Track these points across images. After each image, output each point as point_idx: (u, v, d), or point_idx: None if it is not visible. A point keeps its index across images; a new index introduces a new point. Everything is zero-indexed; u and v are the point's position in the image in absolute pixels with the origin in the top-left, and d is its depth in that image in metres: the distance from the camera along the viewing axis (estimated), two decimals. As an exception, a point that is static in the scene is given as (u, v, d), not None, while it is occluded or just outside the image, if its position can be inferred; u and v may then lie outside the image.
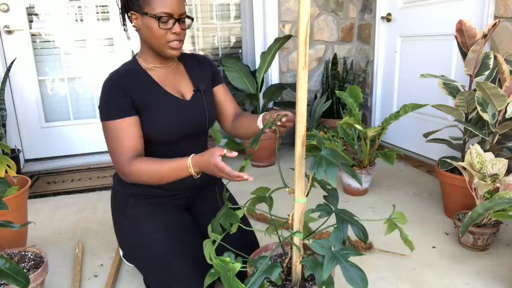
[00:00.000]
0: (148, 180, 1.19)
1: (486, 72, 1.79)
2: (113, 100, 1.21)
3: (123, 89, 1.22)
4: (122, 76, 1.25)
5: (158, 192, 1.33)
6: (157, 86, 1.29)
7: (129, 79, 1.25)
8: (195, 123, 1.34)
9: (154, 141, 1.28)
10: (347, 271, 0.87)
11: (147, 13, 1.19)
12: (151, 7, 1.18)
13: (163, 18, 1.18)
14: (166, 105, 1.28)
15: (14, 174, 1.51)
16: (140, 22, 1.23)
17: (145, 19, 1.21)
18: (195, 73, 1.41)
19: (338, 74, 3.13)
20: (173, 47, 1.24)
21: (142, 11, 1.20)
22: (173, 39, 1.23)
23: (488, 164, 1.60)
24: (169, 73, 1.34)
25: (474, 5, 2.18)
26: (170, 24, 1.21)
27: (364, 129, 2.03)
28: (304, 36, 0.86)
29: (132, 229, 1.30)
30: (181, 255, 1.22)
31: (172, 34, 1.22)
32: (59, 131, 2.95)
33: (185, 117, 1.31)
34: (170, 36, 1.22)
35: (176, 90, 1.33)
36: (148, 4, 1.18)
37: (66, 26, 2.82)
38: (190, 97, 1.35)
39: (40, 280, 1.28)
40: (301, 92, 0.91)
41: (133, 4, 1.22)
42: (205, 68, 1.44)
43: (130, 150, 1.21)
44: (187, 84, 1.37)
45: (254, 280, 0.92)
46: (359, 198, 2.22)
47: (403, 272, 1.51)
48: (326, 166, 0.87)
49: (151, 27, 1.20)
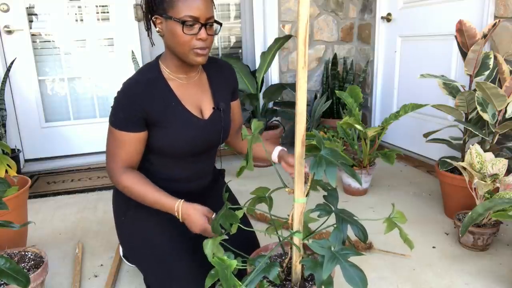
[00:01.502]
0: (131, 196, 1.21)
1: (486, 72, 1.79)
2: (126, 111, 1.18)
3: (140, 104, 1.17)
4: (142, 86, 1.19)
5: None
6: (176, 100, 1.22)
7: (148, 91, 1.19)
8: (209, 142, 1.30)
9: (161, 153, 1.27)
10: (347, 271, 0.87)
11: (171, 17, 1.11)
12: (176, 11, 1.10)
13: (187, 22, 1.10)
14: (182, 123, 1.23)
15: (14, 174, 1.51)
16: (164, 26, 1.15)
17: (169, 23, 1.13)
18: (218, 87, 1.34)
19: (338, 74, 3.13)
20: (199, 54, 1.15)
21: (166, 15, 1.12)
22: (198, 46, 1.13)
23: (488, 164, 1.60)
24: (190, 86, 1.27)
25: (474, 5, 2.18)
26: (196, 29, 1.12)
27: (364, 129, 2.03)
28: (304, 36, 0.86)
29: (133, 229, 1.30)
30: (182, 255, 1.22)
31: (198, 41, 1.13)
32: (59, 131, 2.95)
33: (200, 136, 1.26)
34: (195, 43, 1.13)
35: (195, 106, 1.27)
36: (172, 7, 1.10)
37: (66, 26, 2.82)
38: (209, 115, 1.29)
39: (40, 280, 1.28)
40: (301, 92, 0.91)
41: (158, 7, 1.14)
42: (229, 80, 1.38)
43: (124, 163, 1.21)
44: (208, 100, 1.31)
45: (252, 279, 0.92)
46: (359, 198, 2.22)
47: (403, 272, 1.51)
48: (326, 166, 0.87)
49: (175, 32, 1.12)
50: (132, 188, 1.19)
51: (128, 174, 1.20)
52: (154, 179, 1.29)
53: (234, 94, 1.42)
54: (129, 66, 2.95)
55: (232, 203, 1.47)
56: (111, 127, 1.21)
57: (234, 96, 1.42)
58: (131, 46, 2.91)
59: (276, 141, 2.83)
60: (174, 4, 1.10)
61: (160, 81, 1.22)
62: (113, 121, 1.20)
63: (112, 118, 1.21)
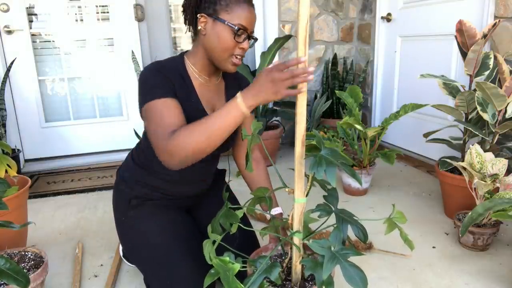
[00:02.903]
0: (196, 145, 0.98)
1: (486, 72, 1.79)
2: (156, 80, 1.10)
3: (170, 79, 1.13)
4: (171, 71, 1.16)
5: (161, 196, 1.33)
6: (196, 99, 1.21)
7: (174, 77, 1.16)
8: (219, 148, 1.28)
9: None
10: (347, 271, 0.87)
11: (224, 21, 1.10)
12: (231, 15, 1.10)
13: (240, 30, 1.10)
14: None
15: (14, 174, 1.51)
16: (210, 27, 1.12)
17: (218, 25, 1.11)
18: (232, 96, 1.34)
19: (338, 74, 3.13)
20: (235, 63, 1.16)
21: (216, 17, 1.10)
22: (238, 54, 1.15)
23: (488, 164, 1.60)
24: (210, 89, 1.26)
25: (474, 5, 2.18)
26: (242, 39, 1.13)
27: (364, 129, 2.03)
28: (304, 36, 0.86)
29: (133, 229, 1.30)
30: (182, 256, 1.22)
31: (240, 49, 1.14)
32: (59, 131, 2.95)
33: None
34: (237, 51, 1.14)
35: (211, 109, 1.26)
36: (227, 12, 1.10)
37: (66, 26, 2.82)
38: None
39: (40, 280, 1.28)
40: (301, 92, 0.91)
41: (207, 6, 1.11)
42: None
43: (171, 127, 1.03)
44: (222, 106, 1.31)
45: (254, 280, 0.92)
46: (359, 198, 2.22)
47: (403, 272, 1.51)
48: (325, 166, 0.87)
49: (223, 36, 1.11)
50: (188, 131, 0.99)
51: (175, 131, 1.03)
52: (157, 180, 1.29)
53: None
54: (129, 66, 2.96)
55: (232, 203, 1.47)
56: (147, 104, 1.08)
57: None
58: (131, 46, 2.91)
59: (276, 141, 2.83)
60: (231, 9, 1.10)
61: (184, 75, 1.20)
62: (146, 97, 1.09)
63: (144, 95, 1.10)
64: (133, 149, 1.40)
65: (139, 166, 1.32)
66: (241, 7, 1.11)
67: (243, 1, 1.12)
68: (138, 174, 1.31)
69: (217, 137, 1.00)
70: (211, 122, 0.99)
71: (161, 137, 1.02)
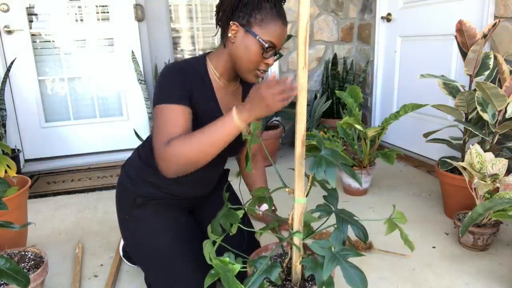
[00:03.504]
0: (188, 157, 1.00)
1: (486, 72, 1.79)
2: (173, 83, 1.10)
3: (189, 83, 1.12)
4: (191, 73, 1.15)
5: (165, 195, 1.33)
6: (216, 102, 1.20)
7: (194, 79, 1.15)
8: (229, 153, 1.28)
9: None
10: (347, 272, 0.87)
11: (255, 34, 1.08)
12: (263, 31, 1.08)
13: (269, 47, 1.10)
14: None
15: (14, 174, 1.50)
16: (240, 37, 1.11)
17: (248, 38, 1.10)
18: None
19: (338, 74, 3.13)
20: (257, 75, 1.16)
21: (249, 29, 1.09)
22: (262, 68, 1.14)
23: (488, 164, 1.60)
24: (228, 93, 1.25)
25: (474, 5, 2.18)
26: (269, 54, 1.12)
27: (364, 129, 2.03)
28: (304, 36, 0.86)
29: (137, 228, 1.30)
30: (184, 256, 1.22)
31: (265, 64, 1.14)
32: (59, 131, 2.95)
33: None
34: (262, 65, 1.14)
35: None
36: (260, 26, 1.08)
37: (66, 26, 2.82)
38: None
39: (40, 280, 1.28)
40: (301, 92, 0.91)
41: (241, 16, 1.10)
42: None
43: (171, 135, 1.04)
44: None
45: (254, 280, 0.92)
46: (359, 198, 2.22)
47: (403, 272, 1.51)
48: (326, 166, 0.87)
49: (251, 49, 1.10)
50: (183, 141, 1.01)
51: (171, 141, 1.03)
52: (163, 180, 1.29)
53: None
54: (129, 66, 2.96)
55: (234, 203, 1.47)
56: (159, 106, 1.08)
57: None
58: (131, 46, 2.91)
59: (276, 141, 2.83)
60: (265, 25, 1.08)
61: (205, 77, 1.19)
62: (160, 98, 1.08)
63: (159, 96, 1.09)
64: (140, 146, 1.38)
65: (146, 164, 1.31)
66: (275, 24, 1.09)
67: (279, 19, 1.10)
68: (144, 172, 1.31)
69: (211, 149, 1.01)
70: (205, 135, 1.00)
71: (159, 142, 1.04)
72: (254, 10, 1.08)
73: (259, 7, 1.08)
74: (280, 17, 1.10)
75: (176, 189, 1.31)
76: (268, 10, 1.09)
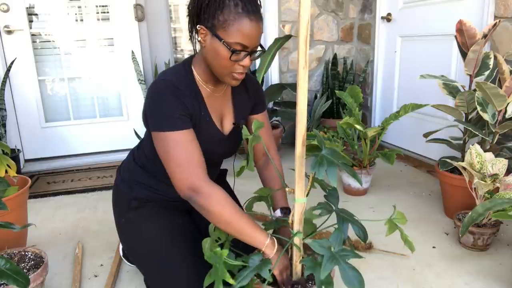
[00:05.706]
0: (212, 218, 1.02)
1: (486, 72, 1.79)
2: (173, 108, 1.06)
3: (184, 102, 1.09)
4: (184, 92, 1.10)
5: (161, 198, 1.33)
6: (205, 111, 1.17)
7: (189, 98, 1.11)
8: (224, 156, 1.29)
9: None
10: (345, 273, 0.87)
11: (220, 38, 1.01)
12: (227, 34, 1.00)
13: (237, 50, 1.02)
14: (207, 135, 1.19)
15: (14, 174, 1.51)
16: (208, 41, 1.05)
17: (215, 41, 1.03)
18: (240, 102, 1.29)
19: (338, 74, 3.13)
20: (235, 78, 1.09)
21: (214, 33, 1.02)
22: (238, 71, 1.07)
23: (488, 164, 1.60)
24: (217, 98, 1.22)
25: (474, 5, 2.18)
26: (241, 56, 1.04)
27: (364, 129, 2.03)
28: (305, 36, 0.86)
29: (133, 231, 1.30)
30: (182, 258, 1.21)
31: (240, 66, 1.06)
32: (59, 131, 2.95)
33: (218, 150, 1.24)
34: (236, 67, 1.06)
35: (218, 119, 1.23)
36: (224, 29, 1.00)
37: (66, 26, 2.82)
38: (229, 130, 1.26)
39: (40, 280, 1.28)
40: (301, 92, 0.91)
41: (206, 19, 1.02)
42: (250, 94, 1.31)
43: (201, 166, 1.05)
44: (229, 115, 1.26)
45: (245, 275, 0.93)
46: (359, 198, 2.22)
47: (403, 272, 1.51)
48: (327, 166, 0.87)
49: (219, 53, 1.03)
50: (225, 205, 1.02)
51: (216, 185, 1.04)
52: (158, 182, 1.29)
53: (257, 106, 1.34)
54: (129, 66, 2.96)
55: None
56: (167, 133, 1.05)
57: (257, 109, 1.34)
58: (131, 46, 2.91)
59: (276, 141, 2.83)
60: (227, 27, 1.00)
61: (196, 87, 1.15)
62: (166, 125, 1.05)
63: (162, 122, 1.06)
64: (134, 149, 1.39)
65: (140, 167, 1.31)
66: (241, 23, 0.99)
67: (245, 16, 0.99)
68: (139, 175, 1.31)
69: (230, 233, 1.04)
70: (237, 227, 1.02)
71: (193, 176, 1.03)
72: (216, 11, 1.00)
73: (221, 7, 0.99)
74: (247, 14, 1.00)
75: (172, 192, 1.31)
76: (232, 9, 0.99)
